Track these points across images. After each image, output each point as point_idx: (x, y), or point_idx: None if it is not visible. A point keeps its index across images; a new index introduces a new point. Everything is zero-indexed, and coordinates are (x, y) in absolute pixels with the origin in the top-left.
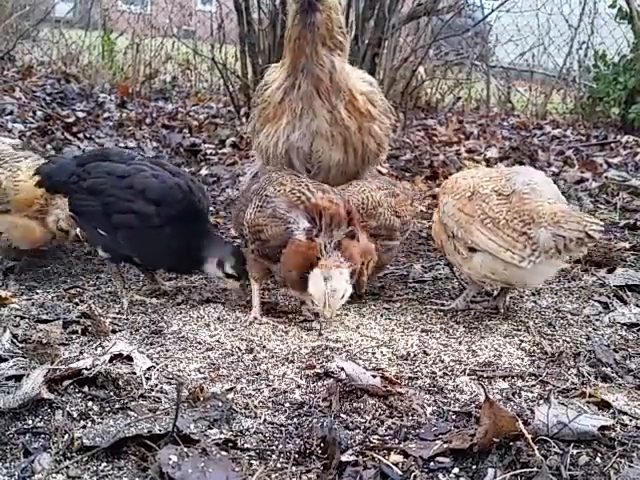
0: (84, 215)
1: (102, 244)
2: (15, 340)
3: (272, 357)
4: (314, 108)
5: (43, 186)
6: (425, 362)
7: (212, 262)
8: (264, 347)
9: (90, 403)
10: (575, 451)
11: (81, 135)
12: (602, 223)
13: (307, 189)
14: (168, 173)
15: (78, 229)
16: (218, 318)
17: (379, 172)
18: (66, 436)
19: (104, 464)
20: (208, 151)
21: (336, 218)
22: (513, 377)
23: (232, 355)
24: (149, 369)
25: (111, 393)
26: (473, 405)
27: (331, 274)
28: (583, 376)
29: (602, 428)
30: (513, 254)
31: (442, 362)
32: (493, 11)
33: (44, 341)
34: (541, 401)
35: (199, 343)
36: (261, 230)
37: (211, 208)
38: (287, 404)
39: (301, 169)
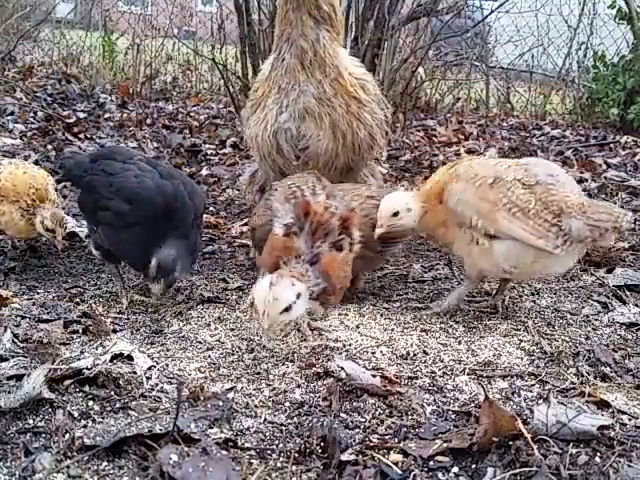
0: (82, 210)
1: (93, 240)
2: (16, 340)
3: (272, 357)
4: (299, 82)
5: (64, 180)
6: (425, 362)
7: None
8: (264, 347)
9: (91, 402)
10: (574, 450)
11: (82, 135)
12: (630, 213)
13: (309, 188)
14: (157, 174)
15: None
16: (218, 318)
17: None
18: (67, 435)
19: (105, 463)
20: (208, 151)
21: (324, 227)
22: (512, 377)
23: (232, 355)
24: (150, 369)
25: (112, 392)
26: (473, 404)
27: (279, 281)
28: (582, 376)
29: (601, 427)
30: (547, 242)
31: (442, 362)
32: (492, 12)
33: (45, 341)
34: (540, 400)
35: (199, 343)
36: (252, 218)
37: (211, 208)
38: (287, 403)
39: (289, 155)
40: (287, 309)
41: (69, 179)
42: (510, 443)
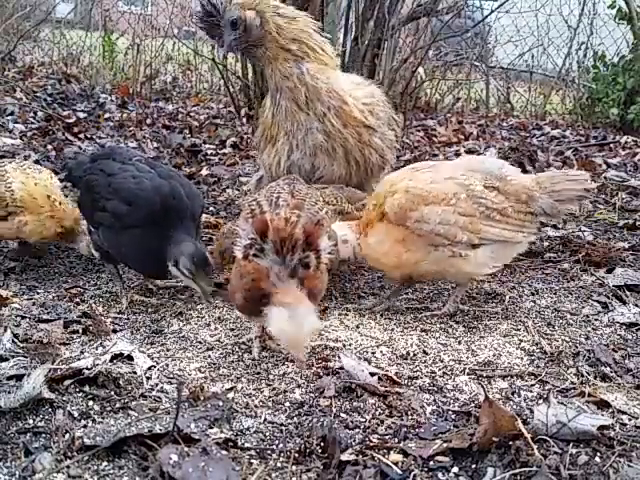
0: (82, 210)
1: (93, 242)
2: (16, 340)
3: (272, 357)
4: (301, 122)
5: (66, 180)
6: (425, 362)
7: (170, 263)
8: (264, 347)
9: (91, 402)
10: (574, 450)
11: (82, 135)
12: (588, 174)
13: (271, 201)
14: (156, 175)
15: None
16: (219, 318)
17: None
18: (67, 435)
19: (105, 463)
20: (208, 151)
21: (289, 241)
22: (512, 377)
23: (232, 354)
24: (150, 368)
25: (112, 392)
26: (472, 404)
27: (295, 311)
28: (582, 376)
29: (601, 427)
30: (526, 232)
31: (442, 362)
32: (492, 12)
33: (45, 341)
34: (540, 400)
35: (199, 342)
36: (218, 239)
37: (211, 208)
38: (287, 403)
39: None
40: (302, 331)
41: (70, 180)
42: (510, 443)
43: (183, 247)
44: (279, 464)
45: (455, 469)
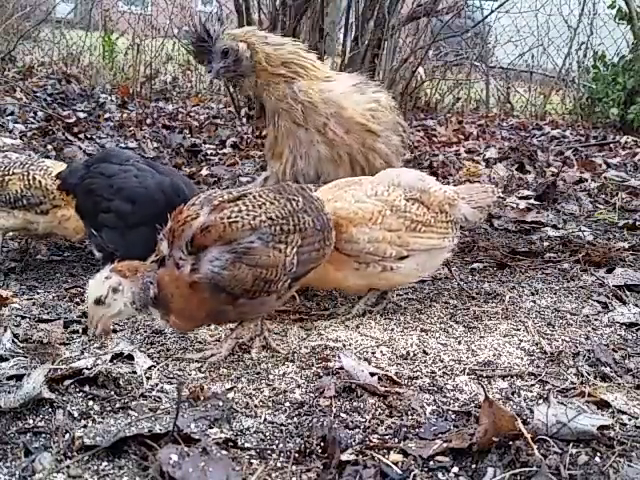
0: (82, 215)
1: (95, 244)
2: (16, 340)
3: (272, 357)
4: (302, 138)
5: (62, 189)
6: (425, 361)
7: None
8: (264, 347)
9: (91, 402)
10: (574, 450)
11: (82, 136)
12: (494, 187)
13: (209, 196)
14: (158, 174)
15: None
16: None
17: None
18: (67, 435)
19: (105, 463)
20: (208, 151)
21: (176, 233)
22: (512, 377)
23: (232, 355)
24: (150, 368)
25: (112, 392)
26: (472, 404)
27: (96, 275)
28: (582, 375)
29: (601, 427)
30: (449, 239)
31: (442, 361)
32: (492, 12)
33: (45, 341)
34: (540, 400)
35: (199, 343)
36: None
37: None
38: (287, 403)
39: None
40: (98, 302)
41: (65, 188)
42: (510, 443)
43: None
44: (279, 464)
45: (455, 469)
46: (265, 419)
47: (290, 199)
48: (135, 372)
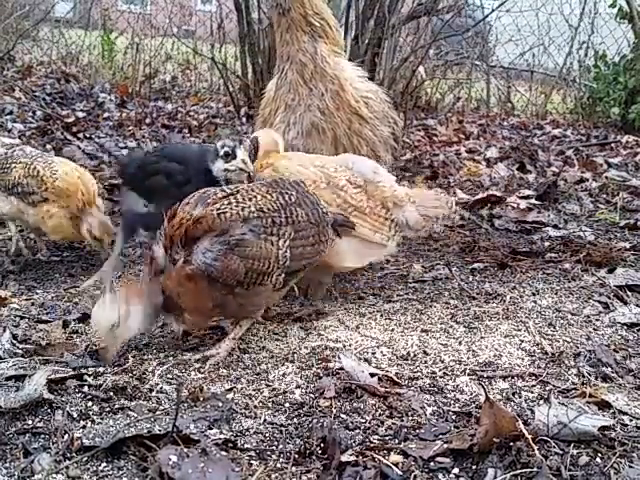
0: (133, 192)
1: (141, 223)
2: (15, 340)
3: (272, 357)
4: (303, 96)
5: (119, 176)
6: (425, 362)
7: None
8: (264, 347)
9: (90, 403)
10: (575, 451)
11: (81, 135)
12: (453, 199)
13: (200, 196)
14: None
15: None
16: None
17: None
18: (66, 436)
19: (104, 464)
20: None
21: (173, 237)
22: (513, 377)
23: (232, 355)
24: (149, 369)
25: (111, 393)
26: (473, 405)
27: (105, 302)
28: (583, 376)
29: (602, 428)
30: (383, 236)
31: (442, 362)
32: (493, 11)
33: (44, 341)
34: (541, 401)
35: (199, 343)
36: None
37: None
38: (287, 404)
39: None
40: (112, 328)
41: (122, 176)
42: (511, 444)
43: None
44: (279, 465)
45: (455, 470)
46: (265, 420)
47: (283, 192)
48: (134, 373)
